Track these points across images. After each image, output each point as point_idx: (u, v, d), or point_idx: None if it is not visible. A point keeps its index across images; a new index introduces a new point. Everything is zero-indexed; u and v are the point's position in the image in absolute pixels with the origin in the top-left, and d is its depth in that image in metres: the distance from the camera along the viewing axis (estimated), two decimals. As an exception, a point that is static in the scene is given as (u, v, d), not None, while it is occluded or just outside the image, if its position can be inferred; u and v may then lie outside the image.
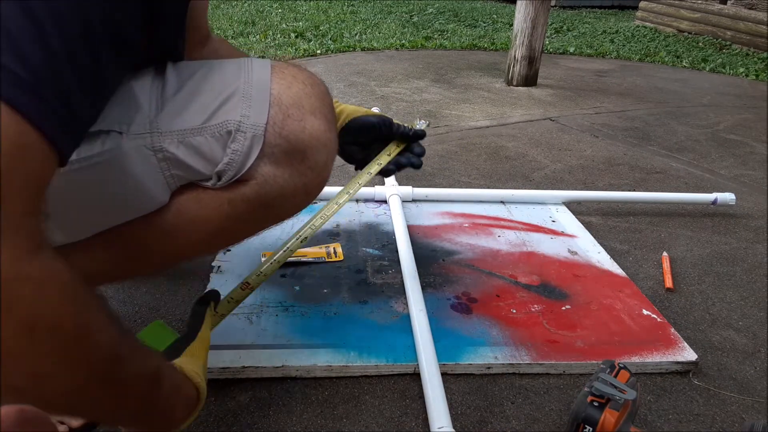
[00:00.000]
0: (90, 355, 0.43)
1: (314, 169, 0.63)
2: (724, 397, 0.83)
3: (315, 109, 0.61)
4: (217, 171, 0.59)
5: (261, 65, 0.61)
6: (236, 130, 0.58)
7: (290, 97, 0.59)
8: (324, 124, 0.61)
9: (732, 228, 1.36)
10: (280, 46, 3.09)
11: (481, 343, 0.87)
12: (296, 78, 0.61)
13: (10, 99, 0.37)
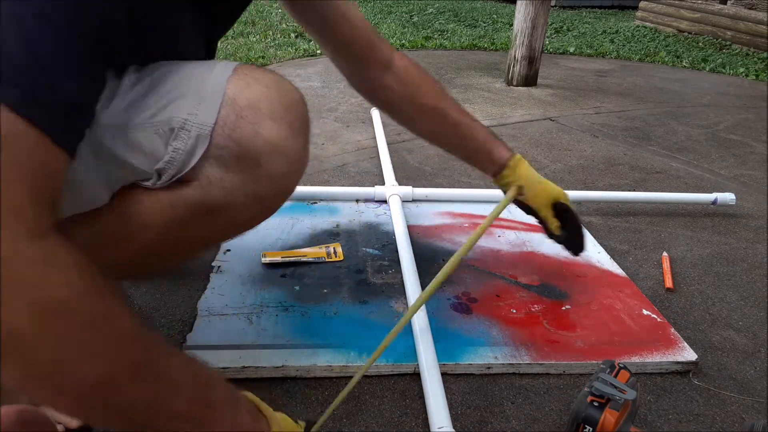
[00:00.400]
0: (110, 339, 0.42)
1: (270, 178, 0.59)
2: (724, 397, 0.83)
3: (275, 114, 0.56)
4: (156, 168, 0.56)
5: (223, 66, 0.58)
6: (180, 127, 0.55)
7: (246, 99, 0.56)
8: (285, 131, 0.57)
9: (732, 228, 1.36)
10: (280, 46, 3.09)
11: (481, 343, 0.87)
12: (258, 80, 0.57)
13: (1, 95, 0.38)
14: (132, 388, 0.44)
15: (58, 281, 0.40)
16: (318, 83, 2.46)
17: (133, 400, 0.44)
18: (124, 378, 0.43)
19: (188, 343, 0.82)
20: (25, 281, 0.38)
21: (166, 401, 0.46)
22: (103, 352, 0.42)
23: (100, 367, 0.42)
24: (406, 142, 1.80)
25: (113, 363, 0.43)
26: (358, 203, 1.32)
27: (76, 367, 0.41)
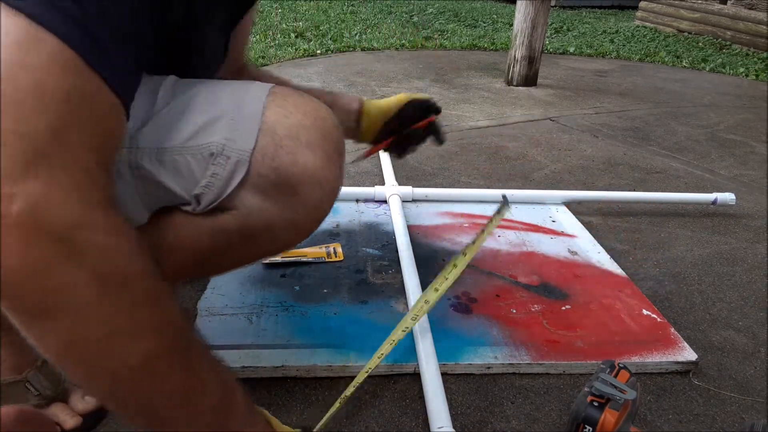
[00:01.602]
0: (160, 321, 0.43)
1: (306, 206, 0.59)
2: (724, 397, 0.83)
3: (313, 143, 0.56)
4: (195, 194, 0.56)
5: (258, 89, 0.57)
6: (219, 153, 0.54)
7: (286, 128, 0.55)
8: (322, 161, 0.57)
9: (732, 228, 1.36)
10: (280, 46, 3.09)
11: (481, 343, 0.87)
12: (298, 108, 0.57)
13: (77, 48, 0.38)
14: (169, 376, 0.44)
15: (123, 252, 0.40)
16: (318, 83, 2.46)
17: (166, 391, 0.44)
18: (164, 364, 0.43)
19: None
20: (94, 247, 0.38)
21: (194, 398, 0.46)
22: (151, 333, 0.42)
23: (145, 348, 0.42)
24: (406, 142, 1.80)
25: (158, 346, 0.43)
26: (358, 203, 1.32)
27: (122, 345, 0.41)
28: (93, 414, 0.71)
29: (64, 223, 0.37)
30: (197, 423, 0.47)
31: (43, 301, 0.38)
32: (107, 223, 0.39)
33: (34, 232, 0.36)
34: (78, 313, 0.39)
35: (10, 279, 0.36)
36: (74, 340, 0.40)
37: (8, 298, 0.38)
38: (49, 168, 0.37)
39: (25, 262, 0.36)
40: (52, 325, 0.39)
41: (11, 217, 0.35)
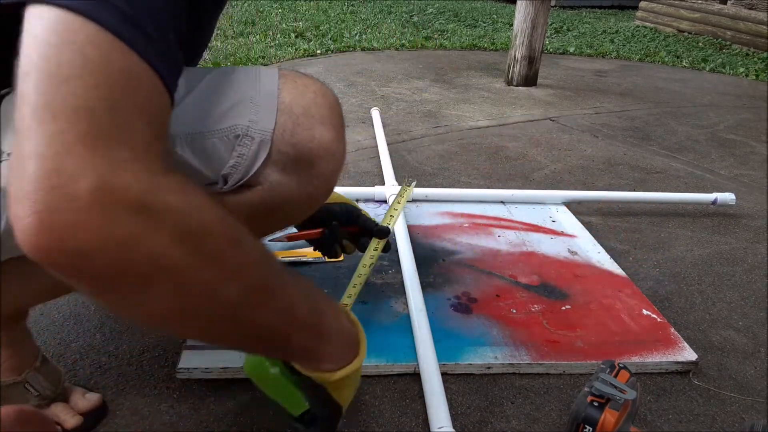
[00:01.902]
0: (249, 258, 0.45)
1: (321, 177, 0.63)
2: (724, 397, 0.83)
3: (325, 118, 0.62)
4: (222, 174, 0.60)
5: (269, 73, 0.62)
6: (244, 134, 0.58)
7: (301, 106, 0.60)
8: (333, 134, 0.62)
9: (732, 228, 1.36)
10: (280, 46, 3.09)
11: (481, 343, 0.87)
12: (308, 87, 0.62)
13: (118, 32, 0.39)
14: (268, 304, 0.48)
15: (197, 206, 0.41)
16: (318, 83, 2.46)
17: (267, 317, 0.49)
18: (263, 295, 0.47)
19: (188, 342, 0.82)
20: (169, 208, 0.39)
21: (291, 313, 0.51)
22: (244, 272, 0.45)
23: (243, 286, 0.45)
24: (406, 142, 1.80)
25: (254, 280, 0.46)
26: (358, 203, 1.31)
27: (222, 289, 0.43)
28: (94, 413, 0.71)
29: (138, 193, 0.37)
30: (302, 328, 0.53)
31: (137, 272, 0.38)
32: (175, 184, 0.40)
33: (111, 207, 0.36)
34: (174, 273, 0.40)
35: (99, 259, 0.36)
36: (177, 300, 0.41)
37: (100, 278, 0.37)
38: (111, 142, 0.37)
39: (110, 239, 0.36)
40: (153, 293, 0.40)
41: (84, 197, 0.35)
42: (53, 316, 0.91)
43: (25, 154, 0.35)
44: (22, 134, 0.36)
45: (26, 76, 0.37)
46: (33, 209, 0.34)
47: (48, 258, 0.36)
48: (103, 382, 0.78)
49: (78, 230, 0.35)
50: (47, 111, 0.36)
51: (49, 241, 0.35)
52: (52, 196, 0.34)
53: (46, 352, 0.82)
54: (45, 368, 0.69)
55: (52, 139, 0.35)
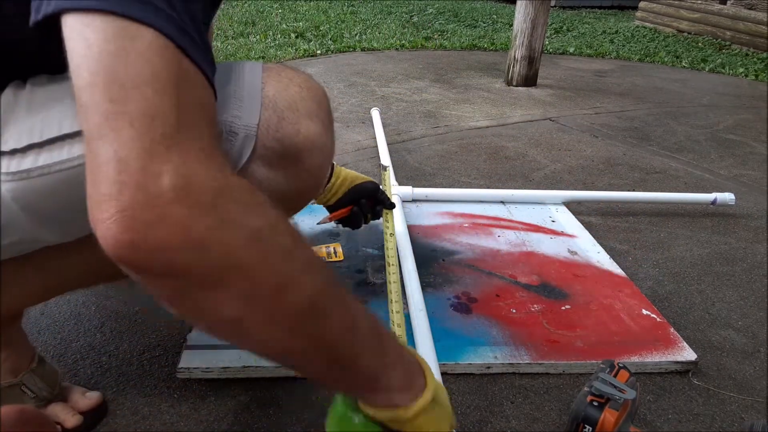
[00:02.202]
0: (312, 261, 0.45)
1: (309, 171, 0.62)
2: (724, 397, 0.83)
3: (311, 112, 0.60)
4: None
5: (252, 67, 0.61)
6: (228, 130, 0.57)
7: (285, 100, 0.59)
8: (320, 128, 0.61)
9: (732, 228, 1.36)
10: (280, 47, 3.09)
11: (481, 343, 0.87)
12: (292, 81, 0.61)
13: (172, 36, 0.40)
14: (333, 313, 0.46)
15: (264, 204, 0.42)
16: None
17: (334, 328, 0.46)
18: (328, 299, 0.45)
19: (188, 342, 0.83)
20: (241, 206, 0.39)
21: (356, 326, 0.48)
22: (310, 273, 0.44)
23: (310, 287, 0.44)
24: (406, 143, 1.80)
25: (319, 283, 0.45)
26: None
27: (291, 291, 0.42)
28: (94, 412, 0.71)
29: (213, 191, 0.38)
30: (366, 346, 0.49)
31: (213, 269, 0.38)
32: (242, 183, 0.41)
33: (191, 203, 0.37)
34: (247, 272, 0.40)
35: (180, 254, 0.37)
36: (249, 302, 0.41)
37: (179, 275, 0.38)
38: (185, 142, 0.38)
39: (190, 233, 0.37)
40: (225, 293, 0.39)
41: (167, 193, 0.36)
42: (54, 316, 0.91)
43: (103, 159, 0.36)
44: (98, 142, 0.37)
45: (92, 86, 0.38)
46: (117, 209, 0.36)
47: (132, 256, 0.36)
48: (103, 381, 0.78)
49: (162, 226, 0.36)
50: (122, 118, 0.37)
51: (134, 238, 0.36)
52: (136, 195, 0.36)
53: (46, 351, 0.83)
54: (41, 369, 0.69)
55: (132, 143, 0.36)
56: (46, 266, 0.60)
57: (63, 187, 0.51)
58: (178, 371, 0.78)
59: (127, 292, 0.97)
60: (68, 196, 0.52)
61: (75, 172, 0.50)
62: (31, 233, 0.53)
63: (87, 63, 0.38)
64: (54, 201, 0.51)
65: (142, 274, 0.38)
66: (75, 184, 0.50)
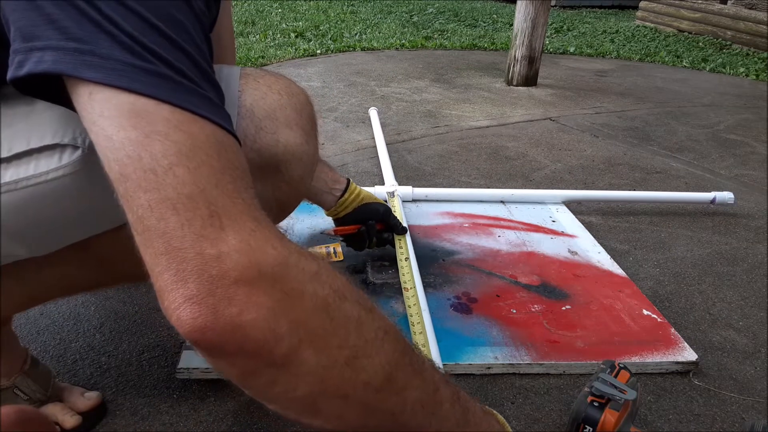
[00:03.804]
0: (382, 322, 0.43)
1: (289, 183, 0.60)
2: (725, 397, 0.83)
3: (291, 121, 0.58)
4: None
5: (230, 72, 0.57)
6: None
7: (264, 109, 0.56)
8: (300, 137, 0.58)
9: (732, 228, 1.35)
10: (280, 46, 3.09)
11: (481, 343, 0.87)
12: (272, 88, 0.58)
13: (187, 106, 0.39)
14: (410, 381, 0.44)
15: (327, 270, 0.41)
16: (318, 83, 2.46)
17: (411, 398, 0.44)
18: (404, 370, 0.43)
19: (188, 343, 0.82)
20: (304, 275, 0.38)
21: (435, 396, 0.46)
22: (383, 342, 0.42)
23: (384, 360, 0.42)
24: (405, 142, 1.80)
25: (393, 353, 0.43)
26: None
27: (365, 362, 0.41)
28: (93, 412, 0.71)
29: (274, 264, 0.37)
30: (448, 419, 0.47)
31: (283, 345, 0.38)
32: (299, 250, 0.40)
33: (253, 283, 0.36)
34: (317, 344, 0.39)
35: (252, 331, 0.36)
36: (320, 375, 0.39)
37: (252, 354, 0.37)
38: (232, 216, 0.37)
39: (260, 309, 0.36)
40: (297, 367, 0.39)
41: (228, 276, 0.36)
42: (53, 316, 0.91)
43: (159, 250, 0.36)
44: (147, 234, 0.37)
45: (124, 179, 0.37)
46: (184, 297, 0.35)
47: (205, 339, 0.36)
48: (102, 382, 0.78)
49: (230, 307, 0.36)
50: (165, 206, 0.36)
51: (204, 323, 0.36)
52: (200, 282, 0.35)
53: (45, 352, 0.83)
54: (34, 371, 0.68)
55: (182, 230, 0.36)
56: (25, 277, 0.59)
57: (30, 203, 0.50)
58: (177, 371, 0.78)
59: (127, 292, 0.97)
60: (36, 212, 0.50)
61: (43, 187, 0.49)
62: (2, 248, 0.52)
63: (113, 154, 0.37)
64: (22, 217, 0.50)
65: (218, 356, 0.38)
66: (43, 199, 0.50)
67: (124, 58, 0.37)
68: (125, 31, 0.38)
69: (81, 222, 0.55)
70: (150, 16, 0.39)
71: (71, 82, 0.39)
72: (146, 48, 0.38)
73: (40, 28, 0.38)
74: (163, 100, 0.38)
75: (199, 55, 0.42)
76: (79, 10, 0.37)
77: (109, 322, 0.90)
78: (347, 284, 0.42)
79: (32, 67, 0.38)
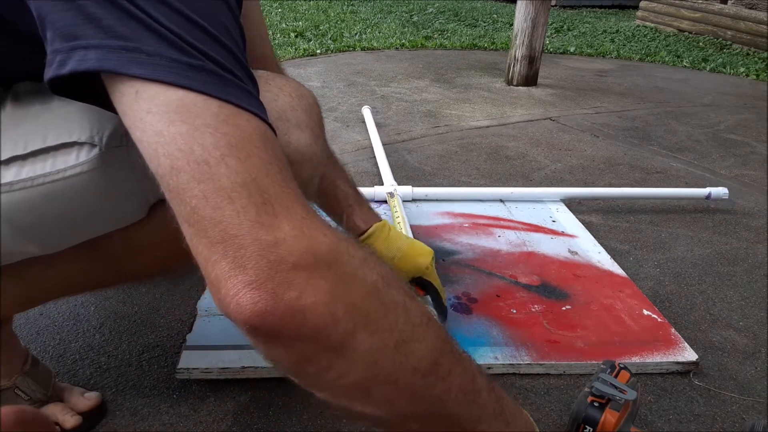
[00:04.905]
0: (425, 310, 0.44)
1: (299, 182, 0.61)
2: (725, 398, 0.82)
3: (301, 122, 0.59)
4: None
5: None
6: None
7: (276, 111, 0.57)
8: (310, 138, 0.59)
9: (732, 228, 1.35)
10: (280, 46, 3.09)
11: (481, 344, 0.87)
12: (282, 90, 0.60)
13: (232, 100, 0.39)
14: (453, 369, 0.44)
15: (373, 256, 0.41)
16: (318, 83, 2.46)
17: (455, 384, 0.45)
18: (447, 358, 0.44)
19: (188, 343, 0.82)
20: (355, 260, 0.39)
21: (475, 388, 0.47)
22: (427, 328, 0.43)
23: (431, 346, 0.42)
24: (405, 142, 1.80)
25: (437, 340, 0.43)
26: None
27: (413, 347, 0.41)
28: (93, 412, 0.71)
29: (328, 249, 0.38)
30: (485, 411, 0.48)
31: (339, 328, 0.38)
32: (347, 238, 0.41)
33: (311, 267, 0.37)
34: (370, 327, 0.39)
35: (310, 315, 0.37)
36: (373, 359, 0.40)
37: (306, 340, 0.38)
38: (285, 203, 0.38)
39: (318, 293, 0.37)
40: (352, 352, 0.39)
41: (286, 261, 0.36)
42: (53, 317, 0.91)
43: (215, 239, 0.36)
44: (202, 224, 0.37)
45: (176, 171, 0.37)
46: (244, 283, 0.36)
47: (264, 324, 0.37)
48: (102, 382, 0.78)
49: (289, 291, 0.36)
50: (219, 195, 0.37)
51: (264, 308, 0.36)
52: (259, 268, 0.36)
53: (45, 352, 0.83)
54: (35, 371, 0.68)
55: (238, 218, 0.36)
56: (27, 276, 0.60)
57: (45, 201, 0.50)
58: (177, 372, 0.78)
59: (127, 292, 0.97)
60: (50, 210, 0.51)
61: (58, 185, 0.50)
62: (13, 245, 0.52)
63: (163, 149, 0.38)
64: (36, 214, 0.50)
65: (276, 342, 0.38)
66: (58, 197, 0.50)
67: (170, 55, 0.38)
68: (169, 29, 0.38)
69: (94, 220, 0.55)
70: (191, 13, 0.39)
71: (114, 80, 0.39)
72: (190, 44, 0.39)
73: (82, 27, 0.38)
74: (211, 95, 0.38)
75: (237, 50, 0.42)
76: (123, 9, 0.38)
77: (109, 322, 0.90)
78: (391, 271, 0.43)
79: (75, 65, 0.38)
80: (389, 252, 0.87)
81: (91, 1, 0.38)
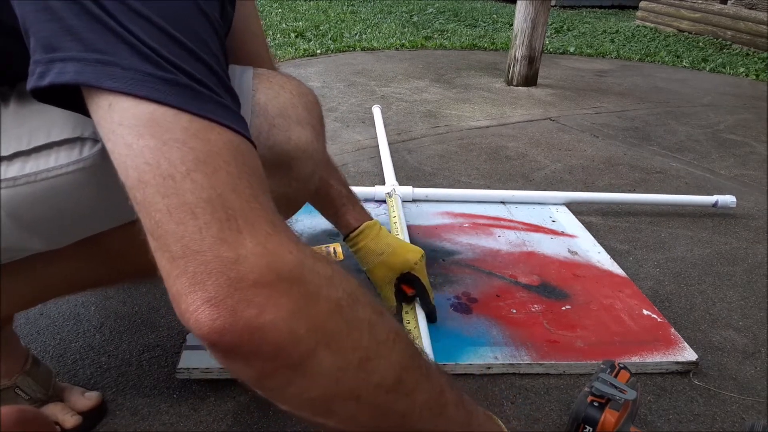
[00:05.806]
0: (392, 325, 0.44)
1: (299, 180, 0.61)
2: (725, 397, 0.83)
3: (302, 119, 0.59)
4: None
5: (243, 72, 0.59)
6: None
7: (277, 107, 0.58)
8: (310, 135, 0.60)
9: (732, 228, 1.35)
10: (280, 46, 3.09)
11: (481, 343, 0.87)
12: (284, 87, 0.60)
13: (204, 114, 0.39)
14: (418, 385, 0.44)
15: (340, 273, 0.41)
16: (318, 83, 2.46)
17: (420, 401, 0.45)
18: (414, 374, 0.44)
19: (188, 343, 0.82)
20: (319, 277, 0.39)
21: (442, 403, 0.47)
22: (393, 344, 0.43)
23: (395, 361, 0.42)
24: (406, 142, 1.80)
25: (403, 356, 0.43)
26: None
27: (377, 364, 0.41)
28: (93, 412, 0.71)
29: (291, 266, 0.38)
30: (451, 427, 0.48)
31: (300, 346, 0.38)
32: (314, 253, 0.40)
33: (271, 285, 0.37)
34: (332, 345, 0.39)
35: (270, 332, 0.37)
36: (334, 376, 0.40)
37: (269, 356, 0.38)
38: (250, 219, 0.38)
39: (279, 311, 0.37)
40: (312, 368, 0.39)
41: (247, 278, 0.36)
42: (53, 317, 0.91)
43: (177, 254, 0.36)
44: (164, 239, 0.37)
45: (143, 185, 0.37)
46: (203, 299, 0.36)
47: (223, 340, 0.37)
48: (102, 382, 0.78)
49: (248, 309, 0.36)
50: (183, 210, 0.37)
51: (222, 324, 0.36)
52: (218, 284, 0.36)
53: (45, 352, 0.83)
54: (35, 371, 0.68)
55: (200, 233, 0.36)
56: (31, 273, 0.60)
57: (49, 196, 0.50)
58: (177, 371, 0.78)
59: (127, 291, 0.97)
60: (54, 205, 0.51)
61: (61, 180, 0.50)
62: (17, 241, 0.52)
63: (131, 161, 0.38)
64: (40, 209, 0.50)
65: (235, 358, 0.38)
66: (61, 192, 0.50)
67: (144, 69, 0.38)
68: (145, 43, 0.38)
69: (97, 215, 0.56)
70: (168, 27, 0.39)
71: (91, 92, 0.39)
72: (165, 59, 0.39)
73: (61, 39, 0.38)
74: (182, 109, 0.38)
75: (216, 64, 0.42)
76: (101, 23, 0.38)
77: (109, 322, 0.90)
78: (359, 287, 0.43)
79: (54, 78, 0.38)
80: (378, 248, 0.89)
81: (72, 14, 0.38)
